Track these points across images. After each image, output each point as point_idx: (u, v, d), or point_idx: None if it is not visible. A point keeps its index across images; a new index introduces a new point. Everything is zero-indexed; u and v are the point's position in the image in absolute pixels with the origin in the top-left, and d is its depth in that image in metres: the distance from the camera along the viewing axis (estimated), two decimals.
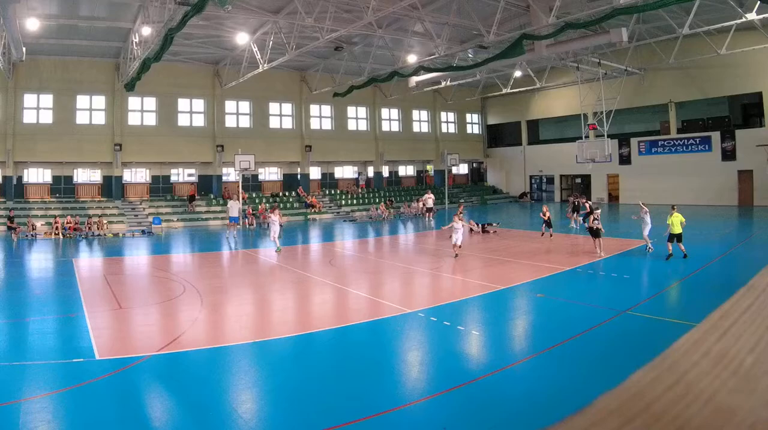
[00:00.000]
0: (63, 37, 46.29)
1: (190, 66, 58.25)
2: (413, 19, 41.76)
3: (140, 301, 22.42)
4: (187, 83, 59.37)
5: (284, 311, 21.40)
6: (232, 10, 35.43)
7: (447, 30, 41.57)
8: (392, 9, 34.17)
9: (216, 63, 59.43)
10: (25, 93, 53.44)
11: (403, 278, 26.58)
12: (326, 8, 37.08)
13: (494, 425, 11.23)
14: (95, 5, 39.64)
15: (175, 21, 32.84)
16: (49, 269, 31.00)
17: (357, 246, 39.11)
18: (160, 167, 61.05)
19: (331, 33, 39.29)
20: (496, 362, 15.04)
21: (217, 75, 60.57)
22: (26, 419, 11.23)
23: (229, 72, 57.00)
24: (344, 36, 43.86)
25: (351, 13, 38.19)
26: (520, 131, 78.56)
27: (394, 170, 77.13)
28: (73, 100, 55.31)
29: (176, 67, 56.59)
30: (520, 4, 38.46)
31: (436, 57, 45.54)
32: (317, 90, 62.99)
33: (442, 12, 40.81)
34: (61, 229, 45.01)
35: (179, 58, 53.88)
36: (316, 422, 11.34)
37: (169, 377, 13.98)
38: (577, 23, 35.54)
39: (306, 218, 59.58)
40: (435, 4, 40.36)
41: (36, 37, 42.81)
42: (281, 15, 40.83)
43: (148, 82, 49.87)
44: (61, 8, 40.17)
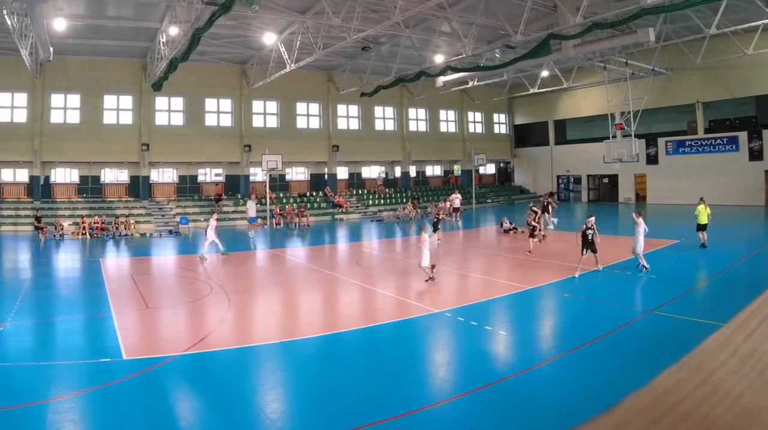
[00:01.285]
0: (90, 37, 46.41)
1: (218, 66, 58.28)
2: (440, 19, 41.55)
3: (167, 301, 22.45)
4: (215, 83, 59.42)
5: (311, 311, 21.40)
6: (260, 10, 35.50)
7: (474, 30, 41.34)
8: (419, 9, 34.04)
9: (243, 63, 59.45)
10: (53, 93, 53.73)
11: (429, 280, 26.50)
12: (353, 8, 36.91)
13: (522, 425, 11.23)
14: (122, 5, 39.85)
15: (203, 21, 32.87)
16: (77, 269, 31.13)
17: (384, 246, 39.06)
18: (187, 167, 61.20)
19: (358, 33, 39.24)
20: (523, 362, 15.02)
21: (245, 75, 60.60)
22: (54, 418, 11.35)
23: (256, 72, 56.88)
24: (371, 36, 43.76)
25: (378, 13, 38.07)
26: (548, 131, 78.13)
27: (421, 170, 76.95)
28: (100, 100, 55.52)
29: (203, 67, 56.58)
30: (547, 4, 38.24)
31: (463, 57, 45.38)
32: (344, 90, 62.89)
33: (469, 12, 40.52)
34: (88, 229, 45.18)
35: (206, 57, 53.87)
36: (344, 422, 11.34)
37: (196, 377, 14.15)
38: (605, 23, 35.34)
39: (333, 217, 59.57)
40: (462, 4, 40.11)
41: (63, 37, 42.92)
42: (308, 15, 40.79)
43: (175, 82, 49.77)
44: (88, 8, 40.30)
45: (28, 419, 11.42)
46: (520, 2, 36.40)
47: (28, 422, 11.28)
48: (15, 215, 49.51)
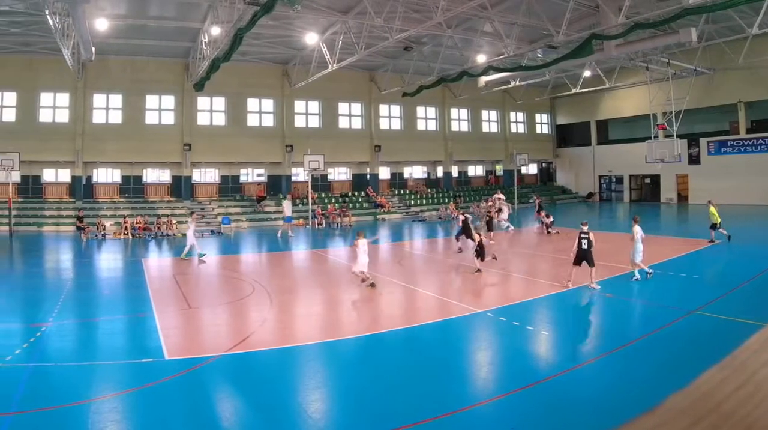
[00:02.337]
0: (132, 37, 46.66)
1: (260, 66, 58.40)
2: (482, 19, 41.46)
3: (209, 301, 22.50)
4: (257, 83, 59.59)
5: (353, 311, 21.37)
6: (302, 10, 35.37)
7: (516, 30, 41.12)
8: (461, 9, 33.85)
9: (285, 63, 59.47)
10: (95, 93, 54.17)
11: (472, 277, 26.28)
12: (395, 8, 36.79)
13: (563, 425, 11.21)
14: (164, 5, 40.06)
15: (245, 21, 33.00)
16: (118, 269, 31.23)
17: (426, 246, 39.02)
18: (229, 167, 61.47)
19: (400, 33, 39.08)
20: (564, 362, 14.97)
21: (287, 75, 60.63)
22: (96, 418, 11.32)
23: (298, 72, 56.64)
24: (413, 36, 43.67)
25: (420, 13, 37.93)
26: (590, 131, 77.69)
27: (463, 170, 76.72)
28: (142, 100, 55.92)
29: (245, 67, 56.68)
30: (589, 4, 38.02)
31: (505, 57, 45.15)
32: (386, 90, 62.88)
33: (511, 12, 40.32)
34: (130, 229, 45.39)
35: (248, 58, 54.01)
36: (385, 421, 11.34)
37: (238, 377, 14.18)
38: (647, 23, 35.10)
39: (375, 217, 59.50)
40: (504, 4, 39.93)
41: (105, 37, 43.14)
42: (350, 15, 40.70)
43: (217, 82, 50.06)
44: (130, 8, 40.55)
45: (71, 418, 11.43)
46: (563, 2, 36.20)
47: (70, 422, 11.30)
48: (57, 215, 49.94)
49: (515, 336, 17.05)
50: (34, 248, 39.60)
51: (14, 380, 13.18)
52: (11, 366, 14.15)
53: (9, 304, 22.26)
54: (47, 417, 11.39)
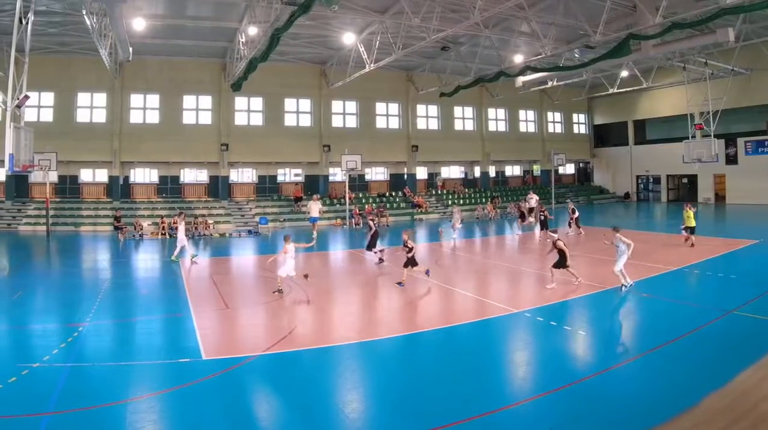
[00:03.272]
0: (169, 37, 46.91)
1: (297, 66, 58.37)
2: (520, 19, 41.22)
3: (247, 301, 22.52)
4: (294, 83, 59.59)
5: (390, 311, 21.25)
6: (339, 10, 35.43)
7: (553, 30, 40.93)
8: (498, 9, 33.59)
9: (322, 63, 59.45)
10: (132, 93, 54.55)
11: (509, 277, 26.30)
12: (433, 8, 36.74)
13: (601, 425, 11.15)
14: (201, 5, 40.20)
15: (282, 21, 33.03)
16: (156, 269, 31.28)
17: (463, 246, 38.77)
18: (266, 167, 61.56)
19: (437, 33, 38.95)
20: (602, 362, 15.01)
21: (324, 75, 60.62)
22: (133, 418, 11.44)
23: (335, 72, 56.92)
24: (451, 36, 43.45)
25: (457, 13, 37.72)
26: (627, 131, 77.25)
27: (500, 170, 76.47)
28: (179, 100, 56.20)
29: (283, 67, 56.73)
30: (626, 4, 37.75)
31: (542, 57, 44.93)
32: (424, 90, 62.76)
33: (548, 12, 40.13)
34: (167, 229, 45.52)
35: (286, 58, 54.03)
36: (423, 422, 11.29)
37: (276, 377, 14.21)
38: (684, 23, 34.83)
39: (412, 217, 59.36)
40: (542, 4, 39.69)
41: (142, 37, 43.35)
42: (388, 15, 40.69)
43: (254, 82, 50.12)
44: (168, 8, 40.72)
45: (108, 418, 11.49)
46: (600, 2, 35.97)
47: (107, 422, 11.35)
48: (94, 215, 50.17)
49: (553, 336, 17.06)
50: (72, 248, 39.78)
51: (52, 380, 13.23)
52: (49, 366, 14.21)
53: (47, 304, 22.41)
54: (84, 417, 11.47)
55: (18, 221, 48.75)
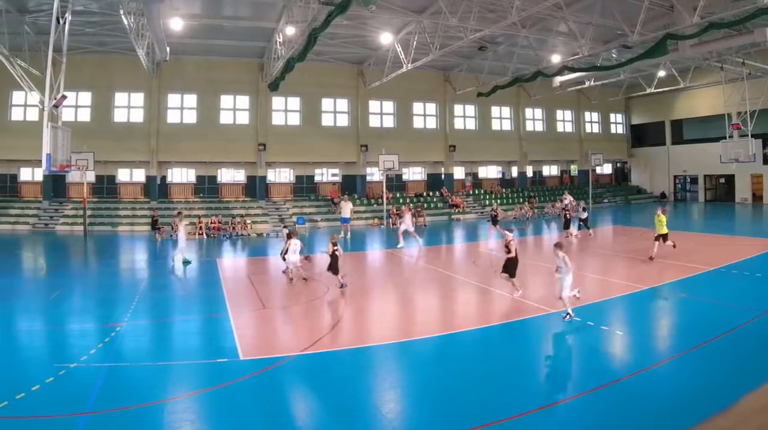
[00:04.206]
0: (207, 36, 47.10)
1: (334, 66, 58.38)
2: (557, 18, 40.89)
3: (284, 301, 22.53)
4: (331, 83, 59.72)
5: (427, 311, 21.34)
6: (376, 10, 35.36)
7: (591, 30, 40.60)
8: (536, 9, 33.53)
9: (360, 63, 59.52)
10: (169, 93, 54.85)
11: (546, 277, 26.03)
12: (470, 8, 36.57)
13: (638, 425, 11.14)
14: (239, 5, 40.29)
15: (319, 21, 32.99)
16: (193, 269, 31.28)
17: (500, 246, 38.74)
18: (303, 167, 61.68)
19: (475, 33, 38.81)
20: (639, 362, 14.87)
21: (361, 75, 60.66)
22: (170, 418, 11.57)
23: (373, 72, 56.94)
24: (488, 36, 43.00)
25: (495, 12, 37.58)
26: (664, 131, 76.91)
27: (538, 170, 76.27)
28: (216, 100, 56.40)
29: (320, 67, 56.74)
30: (663, 4, 37.43)
31: (579, 57, 44.76)
32: (461, 90, 62.52)
33: (586, 12, 39.82)
34: (204, 229, 45.88)
35: (323, 57, 53.98)
36: (460, 421, 11.29)
37: (313, 377, 14.20)
38: (721, 23, 34.55)
39: (450, 217, 59.30)
40: (579, 4, 39.35)
41: (180, 37, 43.57)
42: (425, 15, 40.56)
43: (291, 82, 50.11)
44: (205, 8, 40.87)
45: (146, 418, 11.54)
46: (637, 2, 35.67)
47: (145, 422, 11.39)
48: (131, 215, 50.41)
49: (590, 336, 17.07)
50: (109, 248, 39.99)
51: (89, 380, 13.30)
52: (86, 366, 14.26)
53: (84, 304, 22.51)
54: (122, 417, 11.50)
55: (55, 220, 49.11)
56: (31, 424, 11.12)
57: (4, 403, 11.72)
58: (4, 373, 13.98)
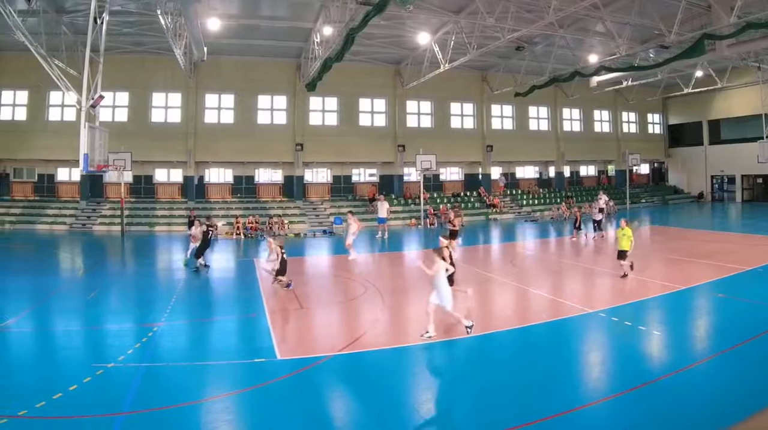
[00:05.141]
0: (244, 36, 47.32)
1: (371, 66, 58.49)
2: (594, 18, 40.89)
3: (321, 301, 22.51)
4: (368, 83, 59.88)
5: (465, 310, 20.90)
6: (413, 10, 35.50)
7: (628, 30, 40.49)
8: (573, 9, 33.43)
9: (397, 63, 59.53)
10: (207, 93, 55.11)
11: (584, 278, 26.21)
12: (507, 8, 36.55)
13: (676, 425, 11.09)
14: (276, 5, 40.53)
15: (357, 21, 32.95)
16: (230, 269, 31.40)
17: (538, 246, 38.61)
18: (341, 167, 61.79)
19: (512, 33, 38.68)
20: (677, 362, 14.80)
21: (398, 75, 60.59)
22: (208, 418, 11.62)
23: (410, 72, 56.63)
24: (525, 36, 43.00)
25: (532, 13, 37.45)
26: (701, 131, 76.35)
27: (575, 170, 76.00)
28: (254, 100, 56.64)
29: (357, 67, 56.87)
30: (701, 4, 37.26)
31: (617, 57, 44.45)
32: (498, 90, 62.20)
33: (623, 12, 39.70)
34: (242, 229, 46.03)
35: (360, 57, 53.92)
36: (497, 421, 11.30)
37: (350, 377, 14.29)
38: (759, 23, 34.34)
39: (487, 217, 59.22)
40: (616, 4, 39.33)
41: (217, 37, 43.70)
42: (462, 15, 40.42)
43: (328, 82, 50.09)
44: (242, 8, 41.10)
45: (183, 418, 11.64)
46: (674, 2, 35.55)
47: (182, 422, 11.48)
48: (169, 215, 50.68)
49: (628, 336, 16.97)
50: (146, 247, 40.24)
51: (126, 380, 13.41)
52: (123, 366, 14.35)
53: (122, 304, 22.59)
54: (159, 417, 11.59)
55: (93, 220, 49.50)
56: (69, 424, 11.17)
57: (42, 403, 11.77)
58: (42, 373, 14.14)
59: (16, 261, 34.77)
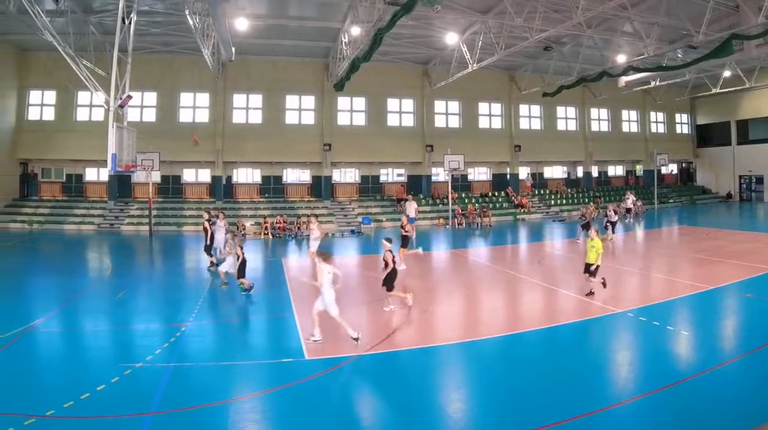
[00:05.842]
0: (272, 37, 47.53)
1: (399, 66, 58.54)
2: (622, 19, 40.82)
3: (350, 301, 22.20)
4: (396, 83, 59.95)
5: (493, 311, 21.29)
6: (441, 10, 35.50)
7: (656, 30, 40.46)
8: (601, 9, 33.46)
9: (425, 63, 59.48)
10: (234, 93, 55.29)
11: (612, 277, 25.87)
12: (535, 8, 36.54)
13: (705, 424, 11.10)
14: (304, 5, 40.67)
15: (385, 21, 33.02)
16: (258, 269, 31.34)
17: (566, 246, 38.50)
18: (369, 167, 61.83)
19: (540, 33, 38.55)
20: (705, 362, 14.80)
21: (426, 75, 60.60)
22: (236, 418, 11.66)
23: (438, 72, 56.74)
24: (553, 36, 42.83)
25: (560, 13, 37.40)
26: (730, 131, 75.98)
27: (603, 170, 75.71)
28: (282, 100, 56.79)
29: (385, 67, 57.05)
30: (729, 4, 37.15)
31: (645, 57, 44.22)
32: (526, 90, 62.11)
33: (651, 12, 39.68)
34: (270, 229, 46.12)
35: (388, 58, 54.10)
36: (525, 421, 11.33)
37: (378, 377, 14.38)
38: None
39: (515, 218, 59.04)
40: (644, 4, 39.26)
41: (245, 37, 44.06)
42: (490, 15, 40.44)
43: (356, 82, 50.27)
44: (270, 8, 41.26)
45: (211, 418, 11.70)
46: (702, 2, 35.49)
47: (210, 422, 11.55)
48: (197, 215, 50.48)
49: (655, 336, 16.93)
50: (174, 247, 40.38)
51: (154, 380, 13.47)
52: (151, 366, 14.42)
53: (150, 304, 22.65)
54: (187, 417, 11.68)
55: (120, 220, 49.76)
56: (97, 424, 11.22)
57: (70, 403, 11.82)
58: (70, 373, 14.23)
59: (44, 261, 35.08)
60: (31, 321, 18.54)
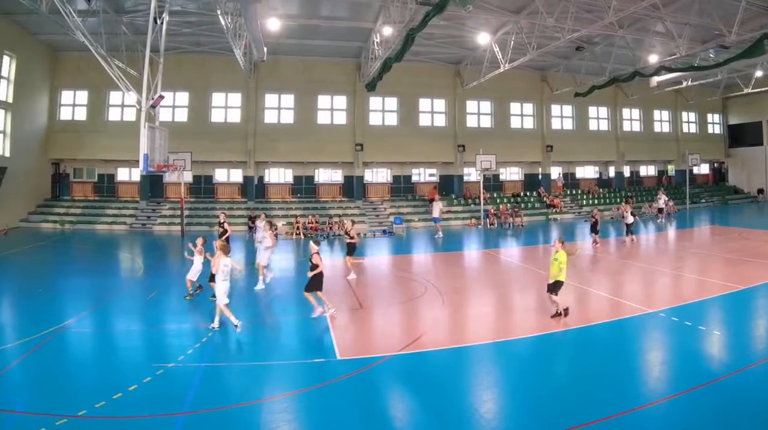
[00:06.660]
0: (304, 37, 47.68)
1: (431, 66, 58.46)
2: (654, 19, 40.52)
3: (381, 301, 22.54)
4: (428, 83, 59.78)
5: (524, 311, 21.19)
6: (473, 10, 35.15)
7: (688, 30, 40.15)
8: (633, 9, 33.20)
9: (457, 63, 59.38)
10: (266, 93, 55.47)
11: (644, 277, 26.04)
12: (567, 8, 36.38)
13: (738, 424, 11.09)
14: (336, 5, 40.67)
15: (416, 21, 32.95)
16: (290, 269, 31.45)
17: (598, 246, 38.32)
18: (401, 167, 61.86)
19: (572, 33, 38.38)
20: (738, 362, 14.68)
21: (458, 75, 60.36)
22: (268, 418, 11.75)
23: (470, 72, 56.64)
24: (585, 36, 42.47)
25: (592, 13, 37.24)
26: (762, 131, 75.12)
27: (635, 170, 75.26)
28: (314, 100, 56.85)
29: (417, 67, 57.05)
30: (761, 4, 36.77)
31: (677, 57, 43.99)
32: (558, 90, 61.97)
33: (683, 12, 39.32)
34: (302, 229, 46.26)
35: (420, 58, 54.05)
36: (557, 421, 11.36)
37: (410, 377, 14.32)
38: None
39: (547, 218, 58.86)
40: (676, 4, 38.90)
41: (277, 37, 44.16)
42: (522, 15, 40.40)
43: (388, 82, 50.23)
44: (302, 8, 41.33)
45: (243, 418, 11.76)
46: (734, 2, 35.14)
47: (242, 422, 11.61)
48: (229, 215, 50.52)
49: (687, 336, 16.94)
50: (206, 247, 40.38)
51: (186, 380, 13.59)
52: (183, 366, 14.53)
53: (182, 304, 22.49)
54: (219, 417, 11.75)
55: (152, 220, 50.02)
56: (129, 424, 11.33)
57: (102, 403, 11.91)
58: (102, 373, 14.30)
59: (76, 261, 35.28)
60: (63, 321, 18.68)
